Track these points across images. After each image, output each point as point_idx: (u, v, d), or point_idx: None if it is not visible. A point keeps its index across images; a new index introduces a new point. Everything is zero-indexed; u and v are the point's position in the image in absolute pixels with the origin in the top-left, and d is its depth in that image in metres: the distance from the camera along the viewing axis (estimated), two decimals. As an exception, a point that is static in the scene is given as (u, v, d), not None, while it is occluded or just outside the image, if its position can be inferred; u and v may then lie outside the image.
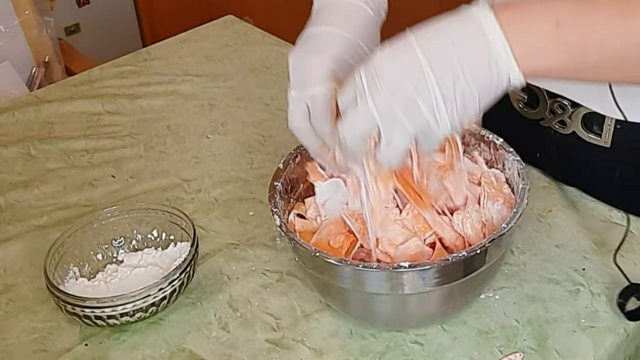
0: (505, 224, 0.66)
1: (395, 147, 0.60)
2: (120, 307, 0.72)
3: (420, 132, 0.59)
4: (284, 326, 0.75)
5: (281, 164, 0.76)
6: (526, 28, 0.57)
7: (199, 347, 0.73)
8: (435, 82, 0.56)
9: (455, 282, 0.66)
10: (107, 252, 0.83)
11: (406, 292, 0.66)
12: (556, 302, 0.75)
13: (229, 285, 0.80)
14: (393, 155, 0.60)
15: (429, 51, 0.57)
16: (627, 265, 0.77)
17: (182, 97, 1.17)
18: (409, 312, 0.71)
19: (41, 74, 1.62)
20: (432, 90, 0.56)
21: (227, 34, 1.36)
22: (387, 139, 0.59)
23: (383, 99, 0.58)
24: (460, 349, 0.71)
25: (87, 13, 2.42)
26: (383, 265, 0.65)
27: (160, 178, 0.99)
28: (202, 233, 0.87)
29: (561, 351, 0.70)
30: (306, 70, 0.69)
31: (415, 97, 0.57)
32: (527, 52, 0.56)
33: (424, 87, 0.56)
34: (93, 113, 1.15)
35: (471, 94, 0.57)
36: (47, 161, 1.04)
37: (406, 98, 0.57)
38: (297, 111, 0.69)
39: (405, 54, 0.57)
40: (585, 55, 0.56)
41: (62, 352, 0.74)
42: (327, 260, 0.65)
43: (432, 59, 0.57)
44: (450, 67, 0.57)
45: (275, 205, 0.72)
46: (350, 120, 0.60)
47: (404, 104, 0.57)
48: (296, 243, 0.67)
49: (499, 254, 0.68)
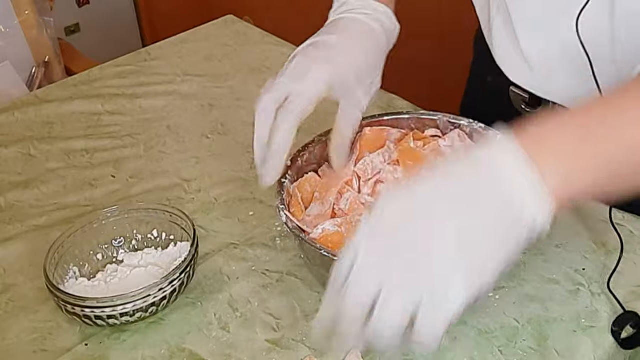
0: None
1: (389, 318, 0.50)
2: (120, 307, 0.72)
3: (428, 303, 0.49)
4: (284, 326, 0.75)
5: (289, 161, 0.77)
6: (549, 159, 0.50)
7: (199, 347, 0.73)
8: (452, 238, 0.48)
9: None
10: (107, 252, 0.83)
11: None
12: (556, 302, 0.75)
13: (229, 285, 0.80)
14: (385, 328, 0.50)
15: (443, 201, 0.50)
16: (628, 268, 0.77)
17: (182, 97, 1.17)
18: None
19: (41, 74, 1.62)
20: (446, 247, 0.48)
21: (227, 34, 1.36)
22: (388, 300, 0.49)
23: (387, 254, 0.50)
24: (460, 349, 0.71)
25: (87, 13, 2.42)
26: None
27: (160, 178, 0.99)
28: (202, 233, 0.87)
29: (561, 351, 0.70)
30: (308, 70, 0.70)
31: (418, 260, 0.48)
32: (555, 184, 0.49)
33: (439, 244, 0.48)
34: (93, 113, 1.15)
35: (490, 252, 0.49)
36: (47, 161, 1.04)
37: (415, 253, 0.49)
38: (275, 93, 0.69)
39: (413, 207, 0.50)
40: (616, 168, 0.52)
41: (62, 352, 0.74)
42: (334, 257, 0.65)
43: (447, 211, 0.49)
44: (469, 223, 0.49)
45: (282, 202, 0.73)
46: (350, 286, 0.51)
47: (411, 259, 0.49)
48: (302, 240, 0.68)
49: None
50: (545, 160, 0.50)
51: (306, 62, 0.72)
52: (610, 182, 0.53)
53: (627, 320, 0.71)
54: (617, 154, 0.52)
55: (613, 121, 0.52)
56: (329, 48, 0.74)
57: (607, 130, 0.52)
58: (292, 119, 0.70)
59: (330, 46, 0.74)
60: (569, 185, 0.51)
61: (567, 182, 0.51)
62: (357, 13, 0.77)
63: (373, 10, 0.78)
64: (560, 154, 0.51)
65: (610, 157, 0.51)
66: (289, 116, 0.69)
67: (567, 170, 0.51)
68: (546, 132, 0.52)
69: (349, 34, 0.75)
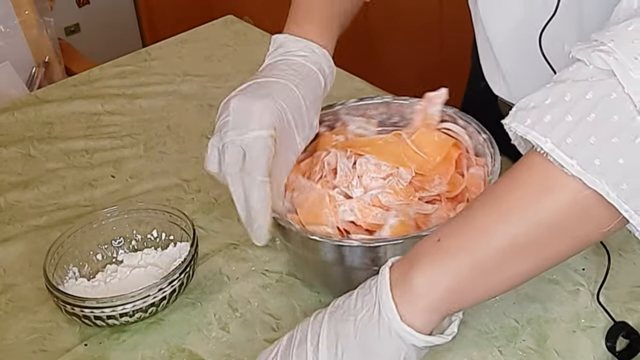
0: None
1: None
2: (120, 308, 0.72)
3: None
4: (284, 326, 0.75)
5: None
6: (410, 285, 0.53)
7: (198, 347, 0.73)
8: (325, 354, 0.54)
9: None
10: (107, 252, 0.83)
11: None
12: (556, 302, 0.75)
13: (229, 285, 0.80)
14: None
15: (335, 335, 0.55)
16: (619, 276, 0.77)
17: (182, 97, 1.17)
18: None
19: (41, 74, 1.62)
20: None
21: (227, 34, 1.36)
22: None
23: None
24: (460, 349, 0.71)
25: (87, 13, 2.42)
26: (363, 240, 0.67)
27: (160, 178, 0.99)
28: (202, 233, 0.87)
29: (561, 351, 0.70)
30: (249, 114, 0.67)
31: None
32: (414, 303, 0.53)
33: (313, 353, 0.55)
34: (93, 113, 1.15)
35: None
36: (47, 161, 1.04)
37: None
38: (233, 156, 0.66)
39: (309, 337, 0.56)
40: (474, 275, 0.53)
41: (62, 352, 0.74)
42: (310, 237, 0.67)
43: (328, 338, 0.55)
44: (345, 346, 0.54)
45: None
46: None
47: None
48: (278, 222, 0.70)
49: None
50: (406, 281, 0.53)
51: (248, 104, 0.68)
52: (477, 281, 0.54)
53: (618, 331, 0.70)
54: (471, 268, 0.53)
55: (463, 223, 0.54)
56: (268, 89, 0.70)
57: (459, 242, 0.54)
58: (258, 178, 0.66)
59: (269, 87, 0.70)
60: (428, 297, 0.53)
61: (425, 295, 0.53)
62: (294, 55, 0.75)
63: (311, 52, 0.75)
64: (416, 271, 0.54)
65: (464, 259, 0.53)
66: (254, 178, 0.66)
67: (422, 283, 0.53)
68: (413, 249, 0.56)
69: (287, 77, 0.72)
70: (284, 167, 0.72)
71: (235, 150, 0.66)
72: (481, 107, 0.91)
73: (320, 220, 0.72)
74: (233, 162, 0.66)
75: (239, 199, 0.68)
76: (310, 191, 0.74)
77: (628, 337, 0.70)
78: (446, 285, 0.53)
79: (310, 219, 0.72)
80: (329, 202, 0.73)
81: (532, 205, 0.51)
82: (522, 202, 0.52)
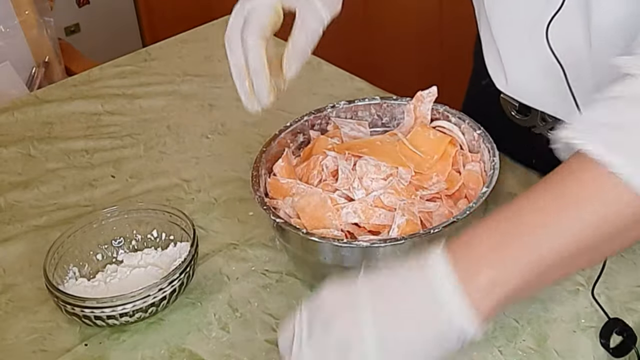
0: None
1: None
2: (120, 307, 0.72)
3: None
4: (284, 326, 0.75)
5: None
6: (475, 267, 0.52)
7: (198, 347, 0.73)
8: (373, 336, 0.52)
9: None
10: (107, 252, 0.83)
11: None
12: (556, 302, 0.75)
13: (229, 285, 0.80)
14: None
15: (375, 304, 0.53)
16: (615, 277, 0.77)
17: (182, 97, 1.17)
18: None
19: (41, 74, 1.62)
20: (366, 343, 0.52)
21: (227, 34, 1.36)
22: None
23: (316, 344, 0.53)
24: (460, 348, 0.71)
25: (87, 13, 2.42)
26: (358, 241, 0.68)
27: (160, 178, 0.99)
28: (202, 233, 0.87)
29: (561, 351, 0.70)
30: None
31: (349, 350, 0.52)
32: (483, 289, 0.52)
33: (359, 337, 0.52)
34: (93, 113, 1.15)
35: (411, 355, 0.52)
36: (47, 161, 1.04)
37: (339, 349, 0.52)
38: (235, 21, 0.70)
39: (348, 302, 0.53)
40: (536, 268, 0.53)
41: (62, 352, 0.74)
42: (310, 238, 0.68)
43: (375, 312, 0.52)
44: (392, 325, 0.52)
45: None
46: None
47: (337, 352, 0.52)
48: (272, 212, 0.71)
49: None
50: (473, 269, 0.52)
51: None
52: (541, 278, 0.54)
53: (611, 328, 0.70)
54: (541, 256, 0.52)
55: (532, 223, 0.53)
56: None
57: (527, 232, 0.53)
58: (254, 33, 0.69)
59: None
60: (498, 291, 0.52)
61: (496, 288, 0.52)
62: None
63: None
64: (486, 262, 0.52)
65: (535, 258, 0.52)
66: (251, 33, 0.69)
67: (495, 277, 0.52)
68: (475, 239, 0.54)
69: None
70: (308, 34, 0.73)
71: (236, 18, 0.70)
72: (483, 105, 0.91)
73: (324, 223, 0.72)
74: (233, 27, 0.70)
75: (234, 65, 0.71)
76: (312, 195, 0.74)
77: (621, 333, 0.70)
78: (511, 284, 0.52)
79: (314, 223, 0.73)
80: (332, 205, 0.73)
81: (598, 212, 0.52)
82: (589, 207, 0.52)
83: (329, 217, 0.73)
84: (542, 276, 0.53)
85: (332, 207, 0.73)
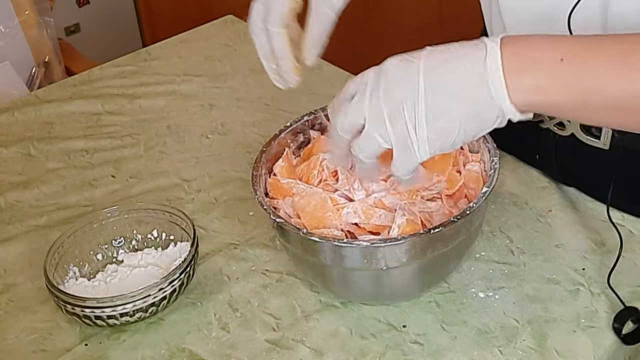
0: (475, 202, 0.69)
1: (372, 140, 0.61)
2: (120, 307, 0.72)
3: (399, 145, 0.60)
4: (284, 326, 0.75)
5: None
6: (528, 63, 0.57)
7: (199, 347, 0.73)
8: (424, 100, 0.58)
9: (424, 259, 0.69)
10: (107, 252, 0.83)
11: (382, 267, 0.68)
12: (556, 302, 0.75)
13: (229, 285, 0.80)
14: (368, 146, 0.61)
15: (430, 70, 0.58)
16: (627, 268, 0.77)
17: (182, 97, 1.17)
18: (386, 286, 0.73)
19: (41, 74, 1.62)
20: (419, 104, 0.58)
21: (227, 34, 1.36)
22: (368, 133, 0.61)
23: (376, 98, 0.59)
24: (460, 348, 0.71)
25: (87, 13, 2.42)
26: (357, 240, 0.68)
27: (160, 178, 0.99)
28: (202, 233, 0.87)
29: (561, 351, 0.70)
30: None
31: (403, 106, 0.58)
32: (525, 87, 0.57)
33: (412, 99, 0.58)
34: (93, 113, 1.15)
35: (457, 122, 0.58)
36: (47, 161, 1.04)
37: (395, 103, 0.58)
38: (256, 11, 0.73)
39: (409, 67, 0.59)
40: (585, 95, 0.56)
41: (62, 352, 0.74)
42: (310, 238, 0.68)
43: (429, 78, 0.58)
44: (443, 92, 0.58)
45: None
46: (343, 111, 0.62)
47: (392, 108, 0.58)
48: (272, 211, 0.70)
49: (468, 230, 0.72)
50: (512, 66, 0.57)
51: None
52: (582, 110, 0.58)
53: (627, 316, 0.71)
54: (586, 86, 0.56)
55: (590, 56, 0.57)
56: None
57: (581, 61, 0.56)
58: (276, 22, 0.72)
59: None
60: (538, 98, 0.57)
61: (538, 95, 0.57)
62: None
63: None
64: (529, 67, 0.57)
65: (580, 86, 0.56)
66: (272, 22, 0.72)
67: (530, 81, 0.56)
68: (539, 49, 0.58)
69: None
70: (321, 20, 0.75)
71: (257, 8, 0.73)
72: None
73: (324, 223, 0.72)
74: (255, 17, 0.73)
75: (261, 53, 0.75)
76: (312, 195, 0.74)
77: (637, 322, 0.71)
78: (554, 97, 0.56)
79: (314, 223, 0.73)
80: (332, 205, 0.73)
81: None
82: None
83: (329, 217, 0.73)
84: (586, 109, 0.57)
85: (333, 207, 0.73)
